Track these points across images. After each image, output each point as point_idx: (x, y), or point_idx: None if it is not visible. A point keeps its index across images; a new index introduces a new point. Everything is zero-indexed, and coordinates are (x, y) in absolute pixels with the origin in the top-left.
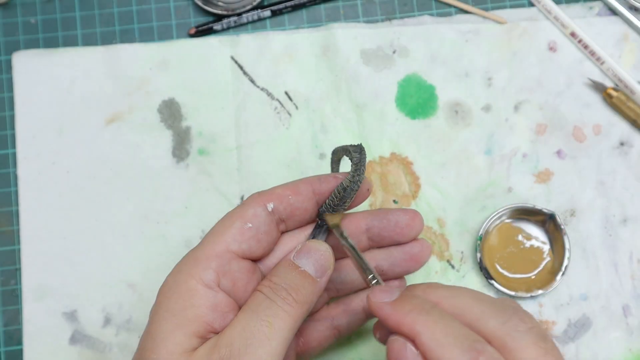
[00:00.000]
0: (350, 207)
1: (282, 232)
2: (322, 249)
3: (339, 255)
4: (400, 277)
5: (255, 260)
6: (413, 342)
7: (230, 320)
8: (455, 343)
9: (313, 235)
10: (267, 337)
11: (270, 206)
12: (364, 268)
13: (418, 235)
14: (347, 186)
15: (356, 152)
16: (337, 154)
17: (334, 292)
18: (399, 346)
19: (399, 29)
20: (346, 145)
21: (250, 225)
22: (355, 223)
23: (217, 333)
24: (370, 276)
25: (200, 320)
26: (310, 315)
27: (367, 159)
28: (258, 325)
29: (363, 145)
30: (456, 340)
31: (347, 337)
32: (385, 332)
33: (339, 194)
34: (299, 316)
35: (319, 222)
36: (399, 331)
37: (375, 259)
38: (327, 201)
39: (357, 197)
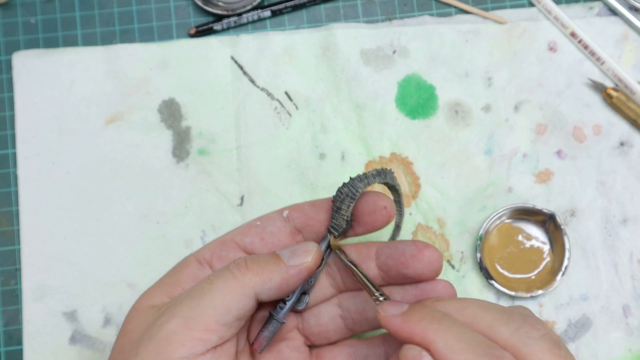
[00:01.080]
0: (367, 228)
1: None
2: (307, 245)
3: (353, 285)
4: None
5: None
6: (427, 351)
7: None
8: (469, 349)
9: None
10: (203, 292)
11: (285, 212)
12: (368, 285)
13: (434, 273)
14: (341, 189)
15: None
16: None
17: (350, 322)
18: (414, 354)
19: (399, 29)
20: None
21: (259, 223)
22: (367, 249)
23: None
24: (377, 293)
25: (177, 285)
26: (332, 345)
27: (367, 159)
28: (201, 283)
29: (386, 169)
30: (470, 346)
31: None
32: (394, 348)
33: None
34: (246, 283)
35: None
36: (412, 342)
37: (389, 293)
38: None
39: (373, 214)
